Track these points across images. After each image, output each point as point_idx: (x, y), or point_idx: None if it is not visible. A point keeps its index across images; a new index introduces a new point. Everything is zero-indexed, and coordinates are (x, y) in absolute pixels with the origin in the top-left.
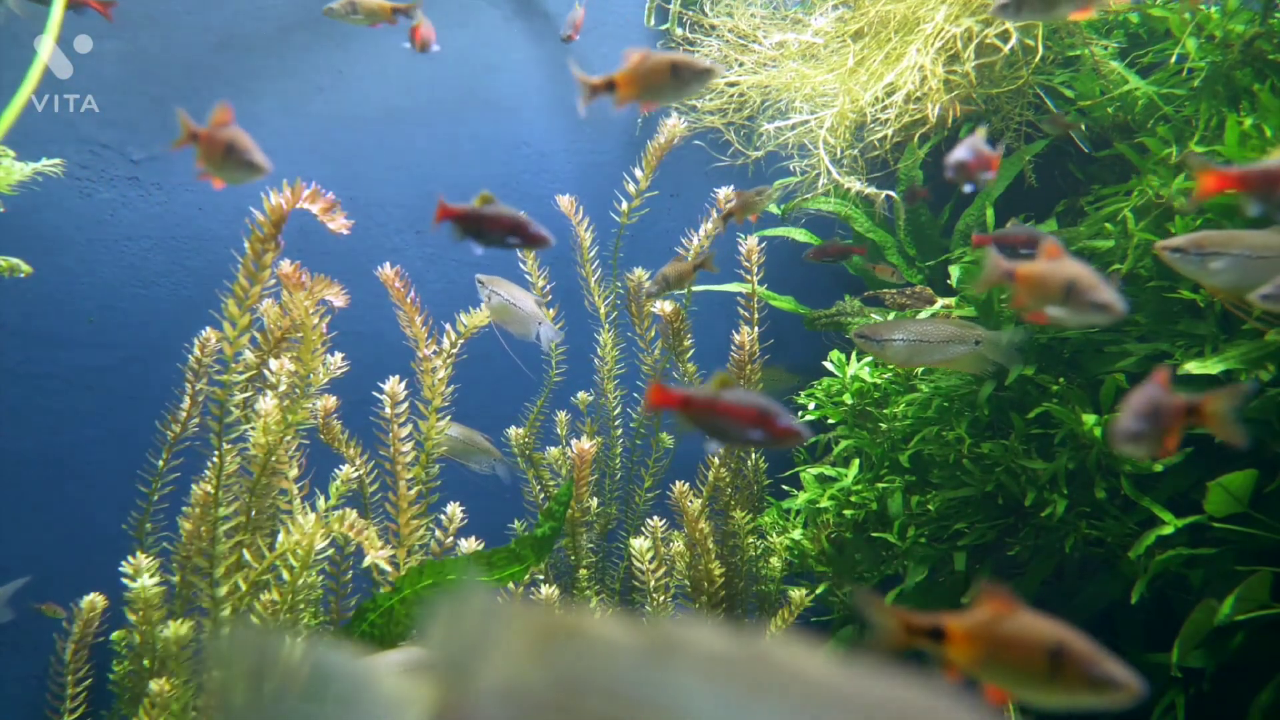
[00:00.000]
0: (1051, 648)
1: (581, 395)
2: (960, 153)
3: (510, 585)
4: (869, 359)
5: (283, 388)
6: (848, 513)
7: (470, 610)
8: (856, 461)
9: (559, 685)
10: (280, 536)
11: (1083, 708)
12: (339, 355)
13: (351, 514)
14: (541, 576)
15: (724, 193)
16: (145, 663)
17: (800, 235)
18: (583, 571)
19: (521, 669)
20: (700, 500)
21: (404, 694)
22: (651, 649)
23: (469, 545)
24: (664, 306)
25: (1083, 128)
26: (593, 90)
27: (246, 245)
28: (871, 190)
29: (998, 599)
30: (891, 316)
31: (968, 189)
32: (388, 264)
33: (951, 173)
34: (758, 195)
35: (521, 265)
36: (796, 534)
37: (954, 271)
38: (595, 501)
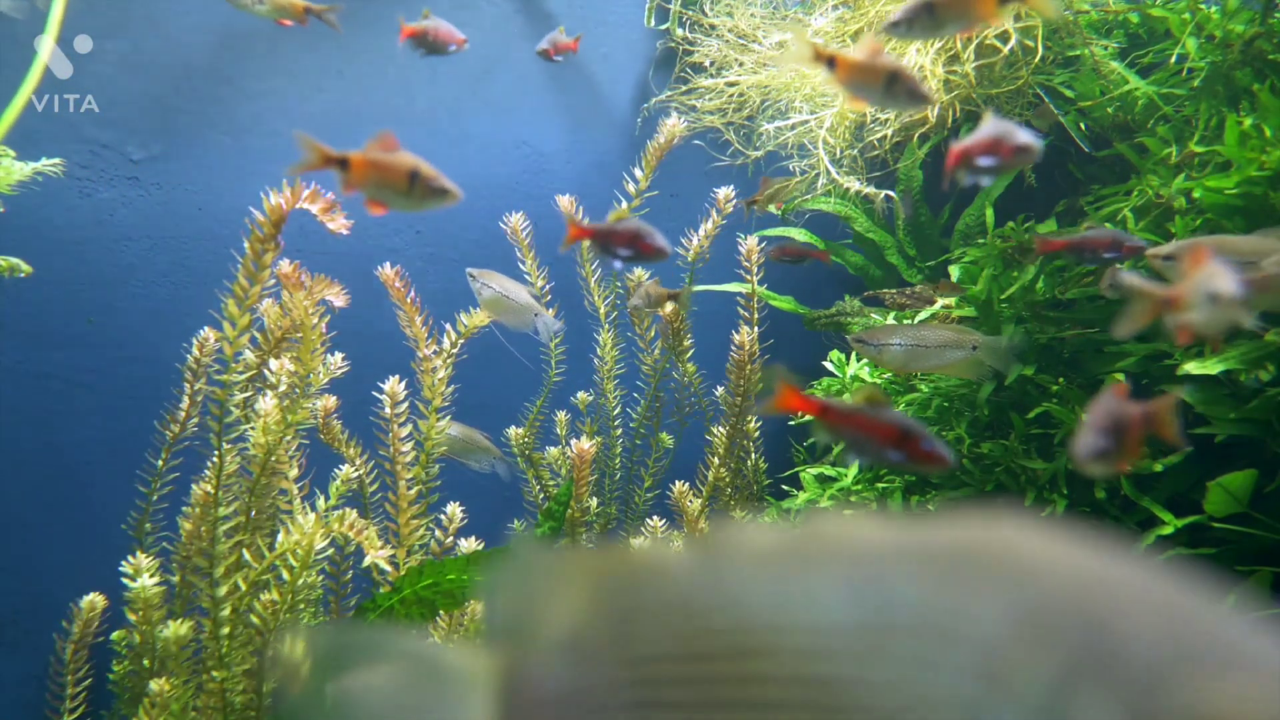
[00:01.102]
0: None
1: (581, 395)
2: (1021, 137)
3: None
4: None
5: (283, 388)
6: (847, 513)
7: (522, 569)
8: (856, 461)
9: (618, 621)
10: (280, 536)
11: None
12: (339, 355)
13: (351, 514)
14: None
15: (723, 192)
16: (145, 663)
17: (800, 235)
18: None
19: (579, 616)
20: (700, 500)
21: (467, 664)
22: (702, 561)
23: (469, 545)
24: (664, 306)
25: (1081, 127)
26: (816, 57)
27: (246, 245)
28: (871, 190)
29: None
30: (891, 317)
31: (968, 181)
32: (388, 264)
33: (986, 161)
34: (784, 184)
35: (521, 265)
36: None
37: (954, 272)
38: (595, 501)
